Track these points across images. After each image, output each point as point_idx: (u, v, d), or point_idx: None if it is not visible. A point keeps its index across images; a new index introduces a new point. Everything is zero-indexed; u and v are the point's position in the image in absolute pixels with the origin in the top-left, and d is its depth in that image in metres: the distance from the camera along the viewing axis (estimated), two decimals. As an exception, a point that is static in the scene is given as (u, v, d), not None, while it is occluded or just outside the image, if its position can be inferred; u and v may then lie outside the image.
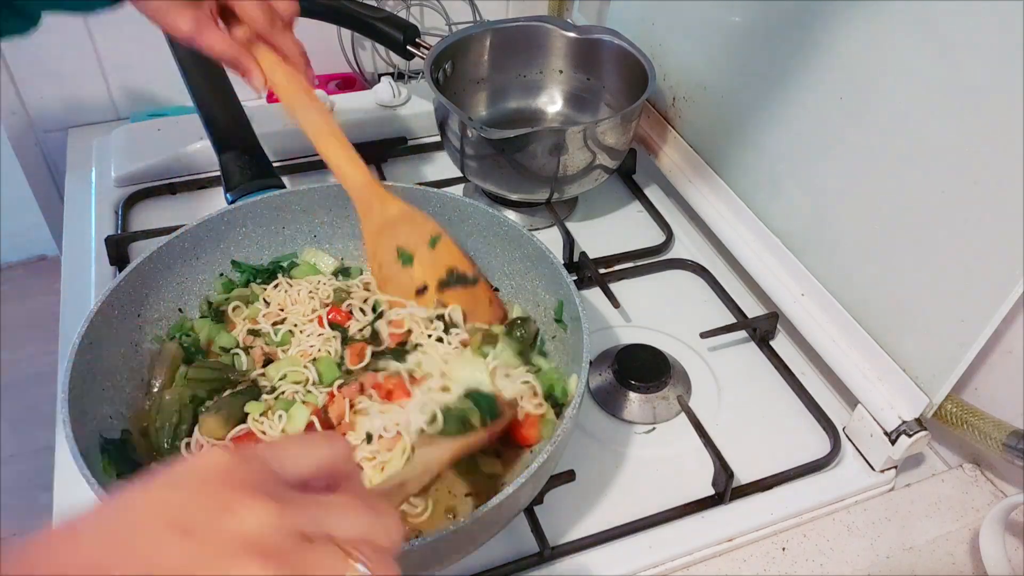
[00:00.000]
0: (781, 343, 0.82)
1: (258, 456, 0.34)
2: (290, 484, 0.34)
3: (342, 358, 0.68)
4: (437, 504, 0.61)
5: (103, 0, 0.62)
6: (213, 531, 0.30)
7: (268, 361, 0.68)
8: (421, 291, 0.71)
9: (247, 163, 0.86)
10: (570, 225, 0.93)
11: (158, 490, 0.32)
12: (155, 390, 0.66)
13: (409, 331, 0.69)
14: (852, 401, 0.73)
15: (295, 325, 0.70)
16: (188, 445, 0.62)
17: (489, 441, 0.62)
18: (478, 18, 1.17)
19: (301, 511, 0.33)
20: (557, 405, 0.66)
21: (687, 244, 0.94)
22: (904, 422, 0.67)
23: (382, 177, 0.98)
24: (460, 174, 0.92)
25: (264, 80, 0.66)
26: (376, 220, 0.71)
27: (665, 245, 0.93)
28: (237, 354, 0.69)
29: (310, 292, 0.73)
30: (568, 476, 0.65)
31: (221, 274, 0.74)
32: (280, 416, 0.63)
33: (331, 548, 0.33)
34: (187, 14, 0.61)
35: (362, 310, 0.72)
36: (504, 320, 0.73)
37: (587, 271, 0.85)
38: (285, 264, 0.77)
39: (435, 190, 0.76)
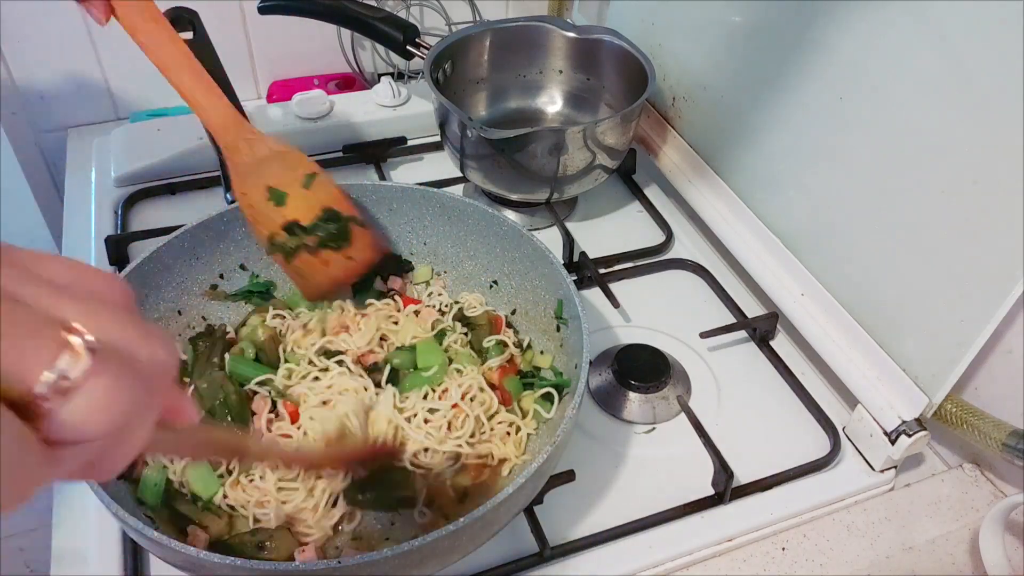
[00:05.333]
0: (781, 343, 0.82)
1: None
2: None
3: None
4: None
5: None
6: None
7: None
8: (289, 227, 0.67)
9: (247, 163, 0.86)
10: (570, 225, 0.93)
11: None
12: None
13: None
14: (852, 401, 0.73)
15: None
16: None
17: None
18: (478, 18, 1.17)
19: (23, 276, 0.25)
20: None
21: (687, 244, 0.94)
22: (904, 422, 0.67)
23: (382, 177, 0.98)
24: (460, 174, 0.92)
25: (108, 8, 0.59)
26: (245, 161, 0.67)
27: (665, 245, 0.93)
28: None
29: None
30: (568, 476, 0.65)
31: (214, 286, 0.74)
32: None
33: (44, 318, 0.24)
34: None
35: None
36: (374, 260, 0.71)
37: (587, 271, 0.85)
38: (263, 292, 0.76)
39: (435, 190, 0.76)
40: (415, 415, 0.66)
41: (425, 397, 0.67)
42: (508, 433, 0.67)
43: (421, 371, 0.69)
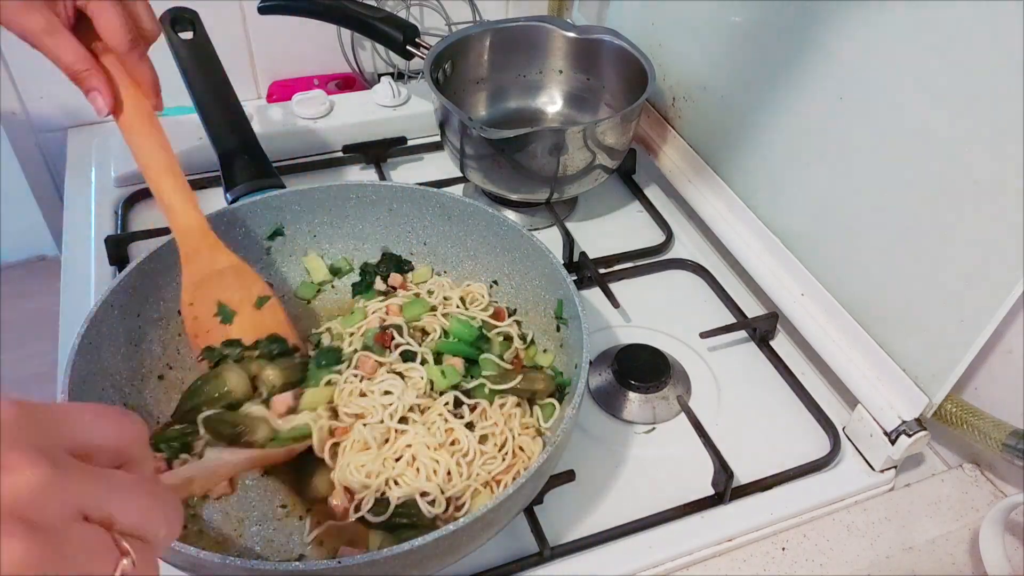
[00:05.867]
0: (781, 343, 0.82)
1: (49, 415, 0.31)
2: (73, 452, 0.31)
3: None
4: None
5: None
6: None
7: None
8: (230, 343, 0.68)
9: (247, 163, 0.86)
10: (570, 225, 0.93)
11: None
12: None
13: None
14: (852, 401, 0.73)
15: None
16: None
17: (284, 458, 0.62)
18: (478, 18, 1.17)
19: (84, 483, 0.30)
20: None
21: (687, 244, 0.94)
22: (904, 422, 0.67)
23: (382, 177, 0.98)
24: (460, 174, 0.92)
25: (111, 102, 0.61)
26: (202, 269, 0.68)
27: (665, 245, 0.93)
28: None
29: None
30: (568, 476, 0.65)
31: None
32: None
33: (104, 537, 0.30)
34: (38, 15, 0.56)
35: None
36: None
37: (587, 271, 0.85)
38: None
39: (435, 190, 0.76)
40: (466, 454, 0.62)
41: (458, 406, 0.65)
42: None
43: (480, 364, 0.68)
